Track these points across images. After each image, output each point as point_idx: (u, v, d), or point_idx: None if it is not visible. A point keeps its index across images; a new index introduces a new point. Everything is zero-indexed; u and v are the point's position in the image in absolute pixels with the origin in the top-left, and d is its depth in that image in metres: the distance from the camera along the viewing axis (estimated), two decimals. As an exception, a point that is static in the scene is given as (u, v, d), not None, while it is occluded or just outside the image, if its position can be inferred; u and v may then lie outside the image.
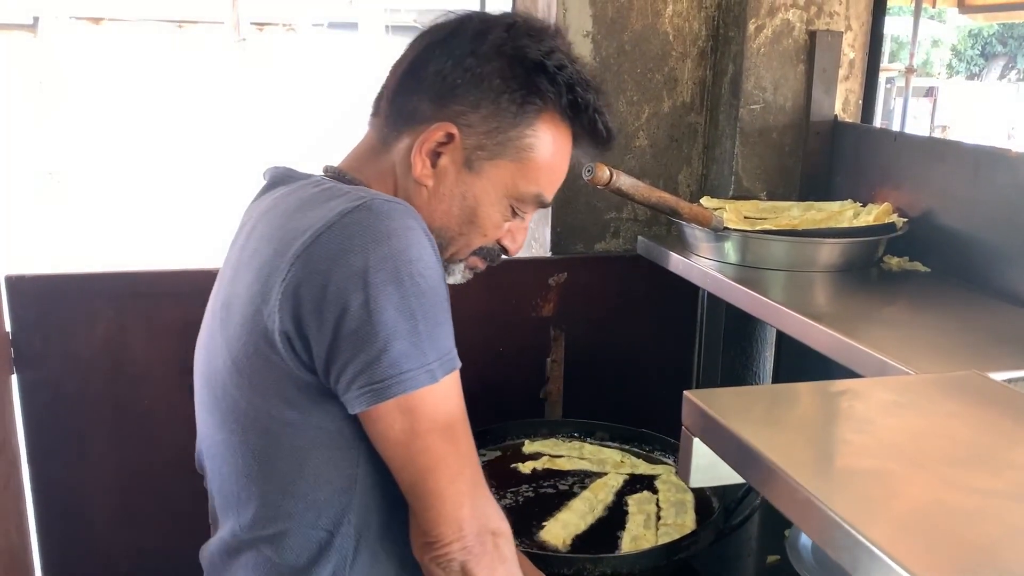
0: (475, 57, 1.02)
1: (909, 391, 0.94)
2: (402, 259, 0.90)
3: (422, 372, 0.91)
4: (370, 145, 1.10)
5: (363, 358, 0.89)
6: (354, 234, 0.90)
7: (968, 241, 1.47)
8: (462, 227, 1.07)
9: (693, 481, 0.91)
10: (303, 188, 1.01)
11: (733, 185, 1.84)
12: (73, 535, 1.80)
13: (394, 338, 0.89)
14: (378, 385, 0.89)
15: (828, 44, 1.78)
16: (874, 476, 0.74)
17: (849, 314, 1.38)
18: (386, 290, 0.88)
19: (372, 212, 0.91)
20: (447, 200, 1.05)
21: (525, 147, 1.04)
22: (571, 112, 1.05)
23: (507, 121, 1.03)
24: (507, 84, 1.02)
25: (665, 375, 1.99)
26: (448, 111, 1.02)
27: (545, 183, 1.08)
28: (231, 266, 1.03)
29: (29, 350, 1.69)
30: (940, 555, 0.62)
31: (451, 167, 1.04)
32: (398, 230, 0.91)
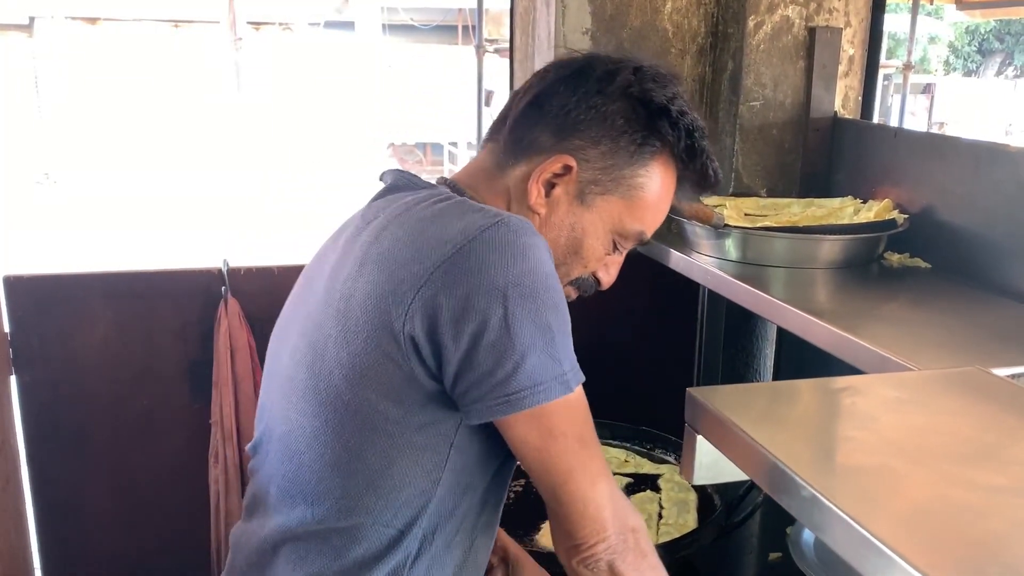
0: (601, 96, 1.05)
1: (911, 387, 0.94)
2: (538, 274, 0.93)
3: (557, 383, 0.95)
4: (486, 167, 1.12)
5: (501, 371, 0.92)
6: (494, 250, 0.93)
7: (968, 237, 1.47)
8: (566, 257, 1.10)
9: (696, 479, 0.90)
10: (434, 198, 1.03)
11: (733, 182, 1.84)
12: (72, 534, 1.80)
13: (530, 351, 0.92)
14: (514, 396, 0.93)
15: (827, 40, 1.78)
16: (877, 472, 0.74)
17: (850, 310, 1.38)
18: (524, 304, 0.92)
19: (510, 229, 0.94)
20: (556, 229, 1.08)
21: (637, 186, 1.08)
22: (686, 157, 1.08)
23: (623, 160, 1.06)
24: (629, 125, 1.05)
25: (665, 373, 1.99)
26: (568, 144, 1.05)
27: (649, 221, 1.12)
28: (354, 259, 1.02)
29: (28, 350, 1.69)
30: (944, 551, 0.62)
31: (564, 198, 1.07)
32: (531, 247, 0.94)
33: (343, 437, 0.99)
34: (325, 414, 1.00)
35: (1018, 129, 13.60)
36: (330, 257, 1.08)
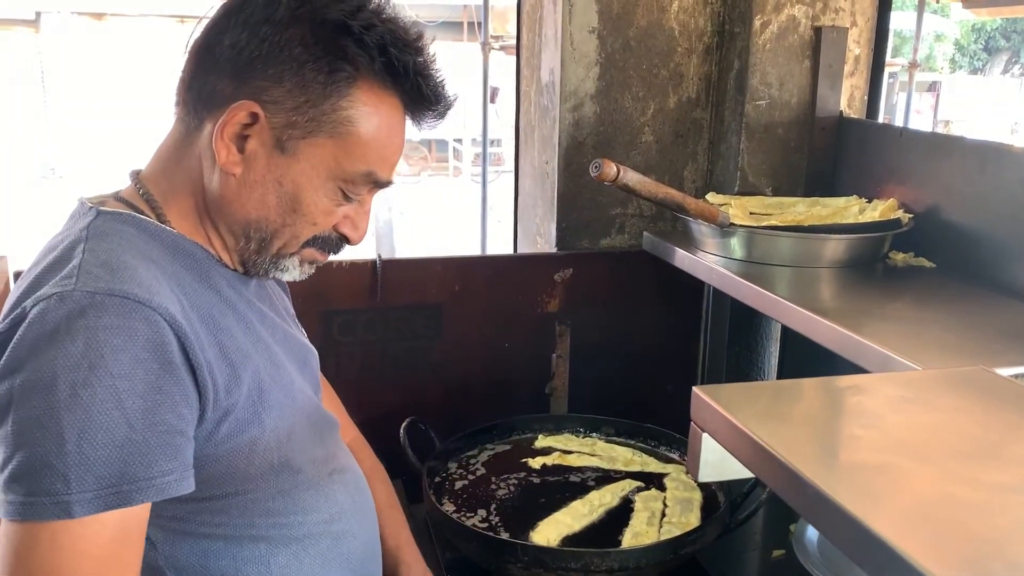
0: (271, 24, 0.91)
1: (916, 386, 0.94)
2: (68, 363, 0.81)
3: (49, 503, 0.79)
4: (174, 139, 1.00)
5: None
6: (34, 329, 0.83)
7: (974, 237, 1.47)
8: (284, 217, 0.98)
9: (702, 476, 0.91)
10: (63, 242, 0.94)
11: (738, 181, 1.84)
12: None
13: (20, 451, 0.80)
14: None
15: (833, 40, 1.78)
16: (882, 470, 0.75)
17: (855, 310, 1.38)
18: (32, 395, 0.80)
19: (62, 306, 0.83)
20: (260, 188, 0.96)
21: (342, 120, 0.94)
22: (389, 77, 0.95)
23: (316, 93, 0.93)
24: (309, 51, 0.92)
25: (670, 370, 2.00)
26: (249, 88, 0.92)
27: (375, 159, 0.98)
28: None
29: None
30: (948, 548, 0.63)
31: (261, 151, 0.94)
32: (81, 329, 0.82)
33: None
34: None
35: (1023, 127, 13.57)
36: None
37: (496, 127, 8.35)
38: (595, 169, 1.31)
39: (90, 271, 0.87)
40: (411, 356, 1.82)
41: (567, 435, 1.79)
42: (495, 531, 1.45)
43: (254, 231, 0.99)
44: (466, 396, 1.86)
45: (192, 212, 1.01)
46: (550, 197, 1.91)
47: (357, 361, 1.77)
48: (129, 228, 0.95)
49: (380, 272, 1.74)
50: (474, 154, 11.67)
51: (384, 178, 1.01)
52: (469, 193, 9.10)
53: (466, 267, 1.84)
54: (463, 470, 1.66)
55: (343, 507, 1.11)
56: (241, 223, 0.99)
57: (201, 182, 0.98)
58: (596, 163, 1.32)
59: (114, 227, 0.94)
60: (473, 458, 1.71)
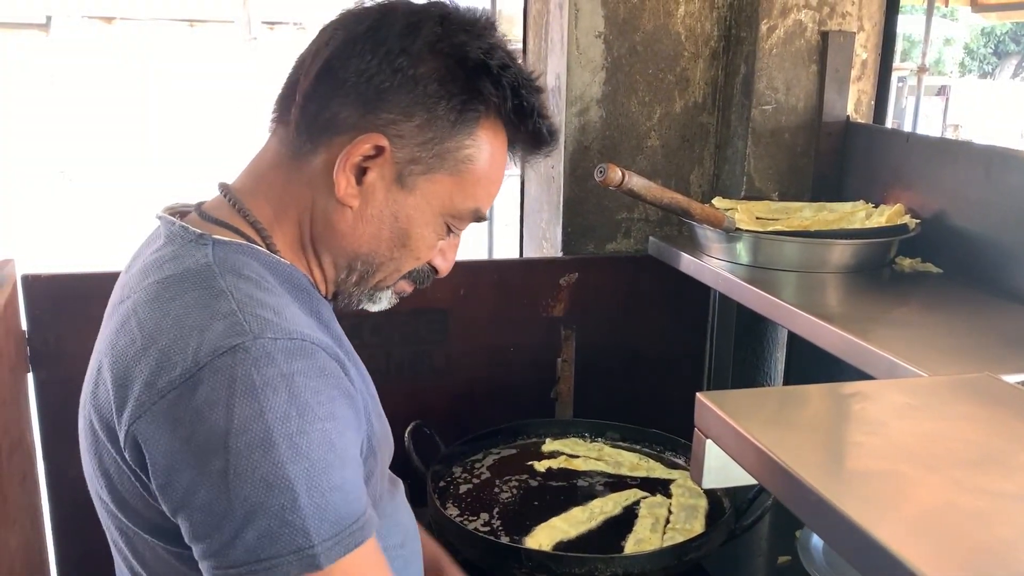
0: (407, 56, 0.88)
1: (921, 393, 0.94)
2: (276, 416, 0.77)
3: (295, 559, 0.77)
4: (276, 159, 0.95)
5: (215, 538, 0.78)
6: (223, 385, 0.77)
7: (981, 242, 1.47)
8: (392, 251, 0.96)
9: (706, 482, 0.91)
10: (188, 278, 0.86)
11: (745, 186, 1.84)
12: (87, 530, 1.80)
13: (255, 517, 0.76)
14: (232, 571, 0.77)
15: (840, 45, 1.78)
16: (886, 478, 0.75)
17: (861, 315, 1.38)
18: (251, 456, 0.76)
19: (249, 357, 0.78)
20: (376, 223, 0.93)
21: (464, 159, 0.93)
22: (515, 117, 0.94)
23: (444, 131, 0.91)
24: (445, 88, 0.89)
25: (676, 376, 2.00)
26: (376, 119, 0.89)
27: (483, 196, 0.97)
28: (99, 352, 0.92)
29: (45, 348, 1.71)
30: (952, 557, 0.62)
31: (380, 184, 0.91)
32: (276, 380, 0.78)
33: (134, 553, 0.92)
34: (112, 530, 0.94)
35: (1034, 132, 13.51)
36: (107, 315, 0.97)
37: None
38: (600, 174, 1.31)
39: (255, 314, 0.82)
40: (416, 360, 1.82)
41: (574, 439, 1.79)
42: (495, 535, 1.45)
43: (361, 263, 0.97)
44: (471, 400, 1.86)
45: (296, 240, 0.96)
46: (556, 201, 1.91)
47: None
48: (252, 261, 0.90)
49: (386, 276, 1.74)
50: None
51: (486, 213, 0.99)
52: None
53: (472, 271, 1.84)
54: (467, 474, 1.66)
55: (408, 529, 1.10)
56: (350, 255, 0.96)
57: (309, 210, 0.94)
58: (601, 167, 1.31)
59: (240, 260, 0.89)
60: (478, 462, 1.71)
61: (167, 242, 0.92)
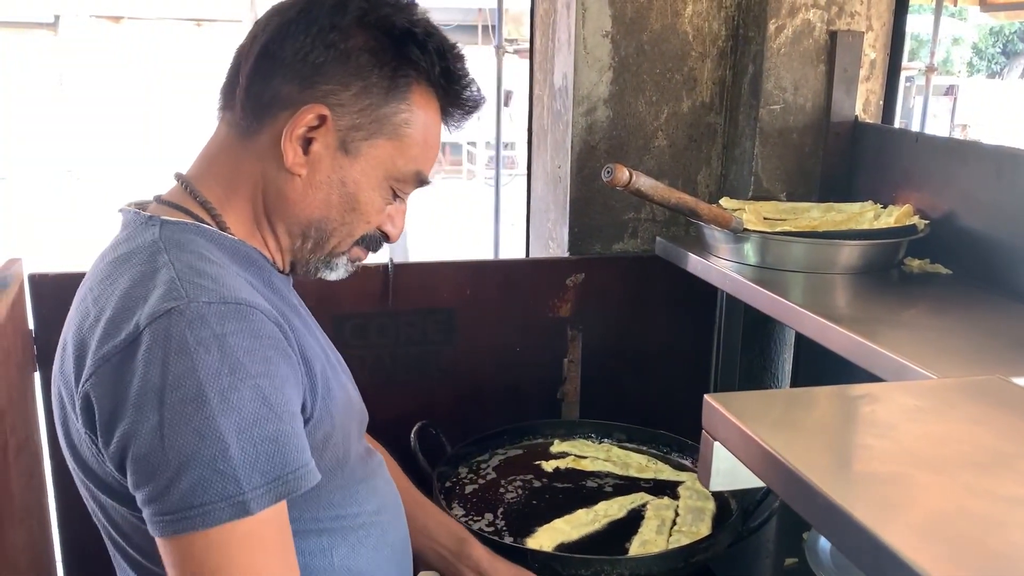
0: (337, 31, 0.95)
1: (931, 396, 0.93)
2: (209, 373, 0.83)
3: (227, 505, 0.82)
4: (226, 142, 1.02)
5: (152, 486, 0.83)
6: (160, 344, 0.83)
7: (990, 243, 1.46)
8: (343, 216, 1.02)
9: (713, 485, 0.90)
10: (135, 254, 0.93)
11: (752, 186, 1.83)
12: (93, 530, 1.81)
13: (188, 466, 0.82)
14: (169, 517, 0.82)
15: (849, 45, 1.77)
16: (895, 481, 0.74)
17: (869, 316, 1.37)
18: (187, 409, 0.82)
19: (184, 319, 0.84)
20: (325, 188, 0.99)
21: (400, 123, 0.99)
22: (443, 81, 1.01)
23: (380, 97, 0.97)
24: (376, 57, 0.96)
25: (682, 376, 1.99)
26: (315, 92, 0.96)
27: (423, 159, 1.04)
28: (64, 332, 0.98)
29: (51, 348, 1.70)
30: (961, 561, 0.62)
31: (325, 152, 0.98)
32: (209, 339, 0.84)
33: (107, 521, 0.99)
34: (87, 500, 1.01)
35: (1042, 132, 13.44)
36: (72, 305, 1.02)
37: (509, 130, 8.35)
38: (607, 174, 1.31)
39: (192, 282, 0.88)
40: (422, 360, 1.81)
41: (582, 441, 1.78)
42: (500, 536, 1.44)
43: (314, 230, 1.02)
44: (477, 400, 1.85)
45: (249, 216, 1.02)
46: (563, 201, 1.90)
47: (368, 365, 1.77)
48: (197, 238, 0.96)
49: (392, 276, 1.74)
50: (488, 157, 11.68)
51: (428, 177, 1.06)
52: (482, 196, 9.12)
53: (478, 271, 1.84)
54: (473, 474, 1.66)
55: (385, 497, 1.15)
56: (303, 223, 1.02)
57: (260, 185, 1.00)
58: (608, 168, 1.31)
59: (185, 237, 0.95)
60: (484, 463, 1.70)
61: (122, 228, 1.01)
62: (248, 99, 0.98)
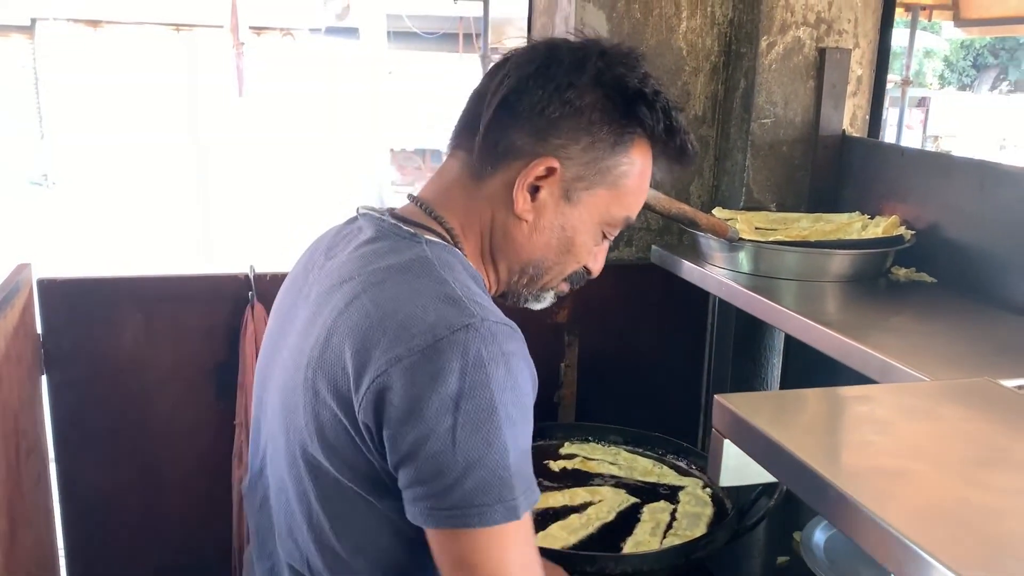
0: (574, 89, 1.01)
1: (925, 396, 0.99)
2: (499, 388, 0.90)
3: (502, 508, 0.90)
4: (458, 180, 1.08)
5: (436, 483, 0.90)
6: (458, 356, 0.90)
7: (973, 253, 1.52)
8: (559, 256, 1.09)
9: (723, 480, 0.95)
10: (412, 267, 0.99)
11: (744, 197, 1.89)
12: (98, 532, 1.84)
13: (474, 468, 0.89)
14: (446, 512, 0.90)
15: (837, 61, 1.84)
16: (898, 474, 0.80)
17: (860, 322, 1.43)
18: (477, 418, 0.89)
19: (480, 336, 0.91)
20: (547, 233, 1.07)
21: (621, 175, 1.06)
22: (665, 137, 1.07)
23: (605, 152, 1.04)
24: (607, 115, 1.03)
25: (675, 381, 2.05)
26: (547, 145, 1.02)
27: (634, 206, 1.12)
28: (323, 325, 0.99)
29: (58, 351, 1.74)
30: (965, 546, 0.67)
31: (550, 200, 1.05)
32: (499, 357, 0.91)
33: (324, 504, 1.01)
34: (306, 480, 1.01)
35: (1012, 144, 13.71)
36: (301, 306, 1.07)
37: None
38: (612, 185, 1.36)
39: (476, 301, 0.95)
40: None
41: (592, 444, 1.83)
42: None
43: (532, 268, 1.10)
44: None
45: (477, 249, 1.09)
46: (560, 210, 1.95)
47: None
48: (458, 263, 1.02)
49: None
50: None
51: (634, 220, 1.13)
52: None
53: (478, 278, 1.88)
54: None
55: None
56: (523, 262, 1.09)
57: (488, 224, 1.07)
58: (613, 179, 1.36)
59: (448, 258, 1.02)
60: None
61: (379, 236, 1.05)
62: (486, 144, 1.04)
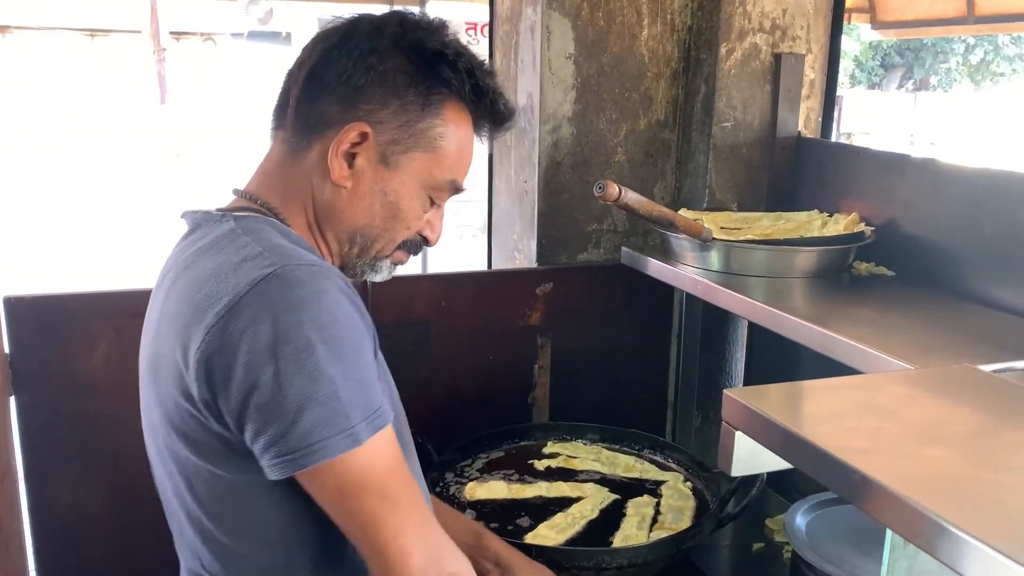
0: (376, 55, 1.05)
1: (916, 384, 1.05)
2: (314, 326, 0.92)
3: (341, 438, 0.93)
4: (279, 158, 1.11)
5: (275, 429, 0.92)
6: (264, 304, 0.92)
7: (930, 247, 1.61)
8: (386, 223, 1.11)
9: (735, 470, 1.00)
10: (218, 242, 1.02)
11: (707, 198, 1.96)
12: (70, 557, 1.79)
13: (307, 407, 0.91)
14: (289, 456, 0.92)
15: (792, 66, 1.92)
16: (909, 456, 0.85)
17: (829, 314, 1.48)
18: (299, 359, 0.91)
19: (283, 281, 0.94)
20: (368, 198, 1.09)
21: (436, 136, 1.09)
22: (474, 97, 1.10)
23: (415, 113, 1.07)
24: (411, 77, 1.06)
25: (644, 377, 2.10)
26: (357, 111, 1.05)
27: (458, 169, 1.13)
28: (154, 321, 1.05)
29: (27, 371, 1.69)
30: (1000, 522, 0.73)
31: (367, 165, 1.07)
32: (309, 297, 0.94)
33: (196, 495, 1.03)
34: (175, 475, 1.04)
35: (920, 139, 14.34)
36: (153, 311, 1.10)
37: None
38: (599, 189, 1.40)
39: (277, 252, 0.98)
40: (401, 372, 1.85)
41: (575, 443, 1.87)
42: (500, 536, 1.51)
43: (360, 236, 1.12)
44: (453, 408, 1.92)
45: (304, 223, 1.11)
46: (530, 215, 1.99)
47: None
48: (269, 228, 1.05)
49: (371, 290, 1.78)
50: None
51: (462, 185, 1.15)
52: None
53: (452, 283, 1.90)
54: (460, 479, 1.73)
55: (424, 489, 1.20)
56: (349, 230, 1.11)
57: (311, 196, 1.10)
58: (600, 184, 1.40)
59: (258, 226, 1.04)
60: (468, 466, 1.77)
61: (193, 228, 1.09)
62: (298, 119, 1.08)
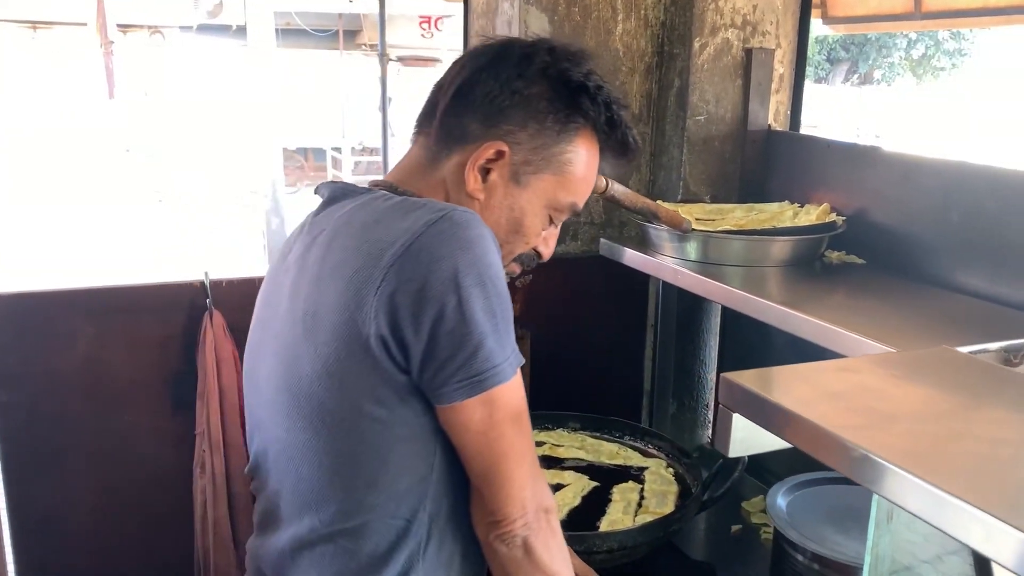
0: (522, 80, 1.12)
1: (900, 366, 1.10)
2: (483, 264, 1.00)
3: (506, 366, 1.02)
4: (418, 162, 1.19)
5: (461, 355, 0.99)
6: (442, 242, 1.00)
7: (899, 236, 1.68)
8: (508, 236, 1.18)
9: (732, 451, 1.04)
10: (374, 202, 1.10)
11: (681, 190, 2.00)
12: (51, 555, 1.78)
13: (485, 336, 0.99)
14: (475, 379, 1.00)
15: (762, 61, 1.97)
16: (903, 432, 0.89)
17: (805, 301, 1.53)
18: (474, 292, 0.99)
19: (454, 222, 1.01)
20: (496, 211, 1.15)
21: (566, 161, 1.16)
22: (607, 128, 1.17)
23: (551, 138, 1.14)
24: (552, 104, 1.13)
25: (621, 366, 2.15)
26: (498, 130, 1.12)
27: (580, 193, 1.21)
28: (310, 277, 1.08)
29: (5, 370, 1.67)
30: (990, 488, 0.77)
31: (500, 181, 1.14)
32: (477, 238, 1.01)
33: (333, 445, 1.06)
34: (314, 427, 1.06)
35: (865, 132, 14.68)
36: (284, 279, 1.14)
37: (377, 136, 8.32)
38: (587, 182, 1.43)
39: (441, 202, 1.08)
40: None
41: (559, 432, 1.91)
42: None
43: None
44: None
45: None
46: (508, 208, 2.01)
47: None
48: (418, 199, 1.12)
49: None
50: (354, 163, 11.59)
51: (580, 208, 1.23)
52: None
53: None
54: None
55: None
56: None
57: (445, 200, 1.15)
58: (587, 177, 1.43)
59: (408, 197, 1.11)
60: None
61: (336, 197, 1.16)
62: (442, 129, 1.15)
